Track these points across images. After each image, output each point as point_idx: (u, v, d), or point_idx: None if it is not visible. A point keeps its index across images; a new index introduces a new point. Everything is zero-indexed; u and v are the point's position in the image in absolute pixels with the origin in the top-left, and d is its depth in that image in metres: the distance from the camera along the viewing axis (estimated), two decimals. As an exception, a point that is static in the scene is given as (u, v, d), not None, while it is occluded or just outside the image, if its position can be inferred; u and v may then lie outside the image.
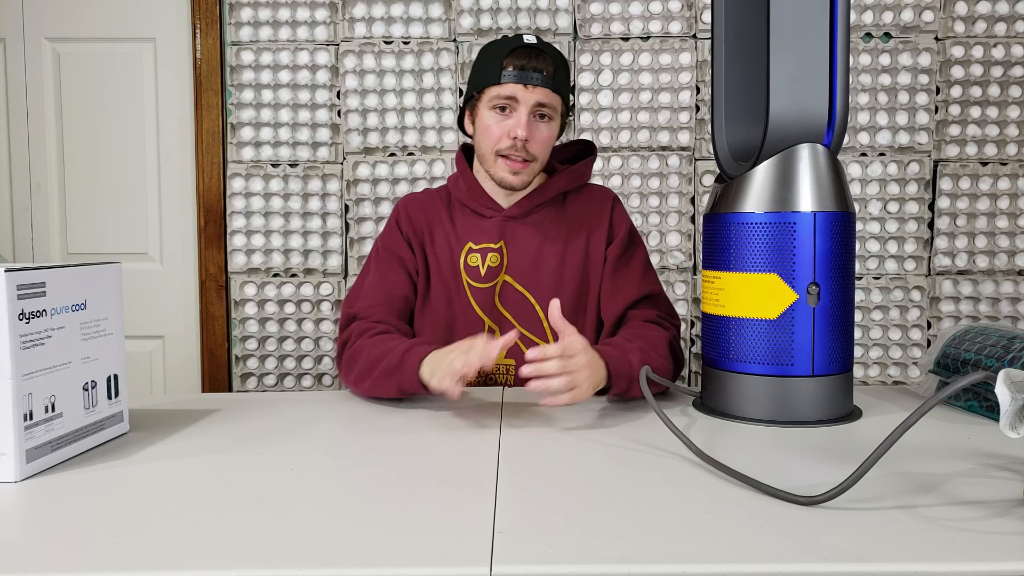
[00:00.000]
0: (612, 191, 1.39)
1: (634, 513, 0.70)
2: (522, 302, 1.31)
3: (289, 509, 0.72)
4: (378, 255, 1.34)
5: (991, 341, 1.07)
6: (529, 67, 1.23)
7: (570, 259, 1.31)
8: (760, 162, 1.03)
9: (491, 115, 1.26)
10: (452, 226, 1.34)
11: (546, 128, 1.27)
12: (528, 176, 1.29)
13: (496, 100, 1.25)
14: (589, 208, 1.34)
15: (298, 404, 1.16)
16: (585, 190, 1.37)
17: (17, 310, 0.80)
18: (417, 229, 1.34)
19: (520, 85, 1.23)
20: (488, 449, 0.91)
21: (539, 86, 1.23)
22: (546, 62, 1.24)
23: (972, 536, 0.64)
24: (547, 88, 1.24)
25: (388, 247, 1.34)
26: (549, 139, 1.28)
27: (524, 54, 1.24)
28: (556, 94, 1.26)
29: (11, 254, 2.25)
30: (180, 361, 2.26)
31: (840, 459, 0.86)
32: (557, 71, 1.26)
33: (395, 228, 1.36)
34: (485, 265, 1.30)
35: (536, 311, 1.30)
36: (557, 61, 1.26)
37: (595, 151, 1.39)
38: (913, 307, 2.11)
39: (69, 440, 0.88)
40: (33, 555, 0.62)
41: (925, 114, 2.07)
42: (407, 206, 1.37)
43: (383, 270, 1.32)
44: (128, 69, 2.20)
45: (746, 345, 1.03)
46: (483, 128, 1.28)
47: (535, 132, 1.25)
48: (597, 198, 1.36)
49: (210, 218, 2.17)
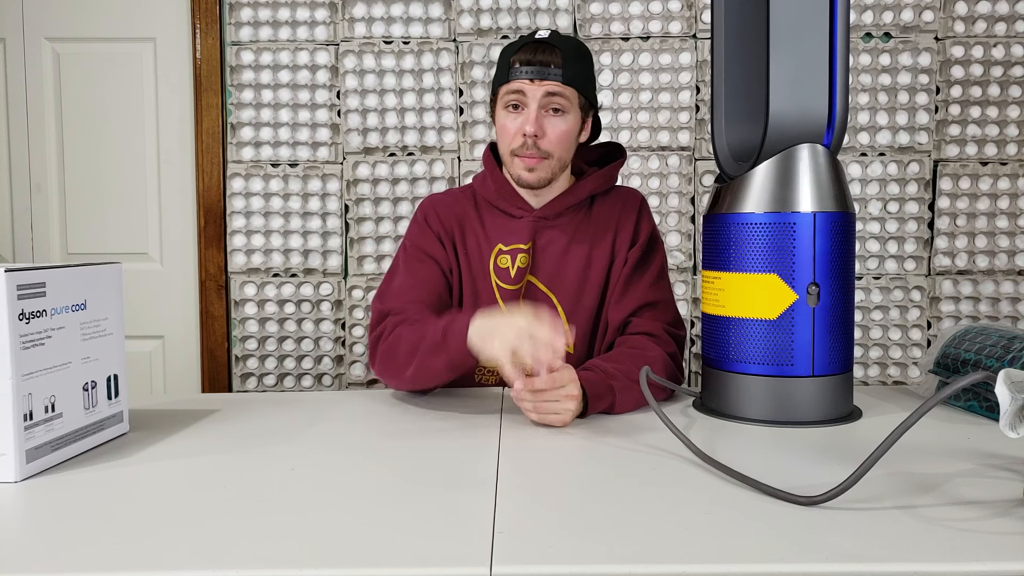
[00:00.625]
0: (640, 193, 1.37)
1: (634, 513, 0.70)
2: (545, 302, 1.29)
3: (289, 509, 0.72)
4: (406, 253, 1.31)
5: (991, 341, 1.07)
6: (536, 61, 1.22)
7: (595, 262, 1.30)
8: (760, 162, 1.03)
9: (504, 114, 1.26)
10: (481, 227, 1.32)
11: (561, 122, 1.24)
12: (544, 172, 1.26)
13: (508, 98, 1.24)
14: (616, 210, 1.33)
15: (298, 404, 1.16)
16: (612, 192, 1.36)
17: (17, 310, 0.80)
18: (447, 227, 1.32)
19: (527, 80, 1.22)
20: (488, 449, 0.91)
21: (547, 79, 1.21)
22: (554, 55, 1.22)
23: (972, 536, 0.64)
24: (556, 81, 1.22)
25: (417, 245, 1.31)
26: (565, 133, 1.25)
27: (532, 49, 1.22)
28: (568, 86, 1.23)
29: (11, 254, 2.25)
30: (180, 361, 2.26)
31: (840, 459, 0.86)
32: (569, 63, 1.22)
33: (424, 225, 1.33)
34: (515, 266, 1.29)
35: (559, 312, 1.29)
36: (570, 54, 1.23)
37: (624, 154, 1.38)
38: (913, 307, 2.11)
39: (69, 440, 0.88)
40: (33, 555, 0.62)
41: (925, 114, 2.07)
42: (434, 204, 1.35)
43: (413, 268, 1.29)
44: (128, 69, 2.20)
45: (746, 345, 1.03)
46: (499, 128, 1.28)
47: (547, 127, 1.23)
48: (625, 200, 1.34)
49: (210, 218, 2.17)
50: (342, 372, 2.19)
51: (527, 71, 1.22)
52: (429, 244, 1.31)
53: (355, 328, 2.17)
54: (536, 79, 1.21)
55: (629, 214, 1.33)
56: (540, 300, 1.29)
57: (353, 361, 2.18)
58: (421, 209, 1.36)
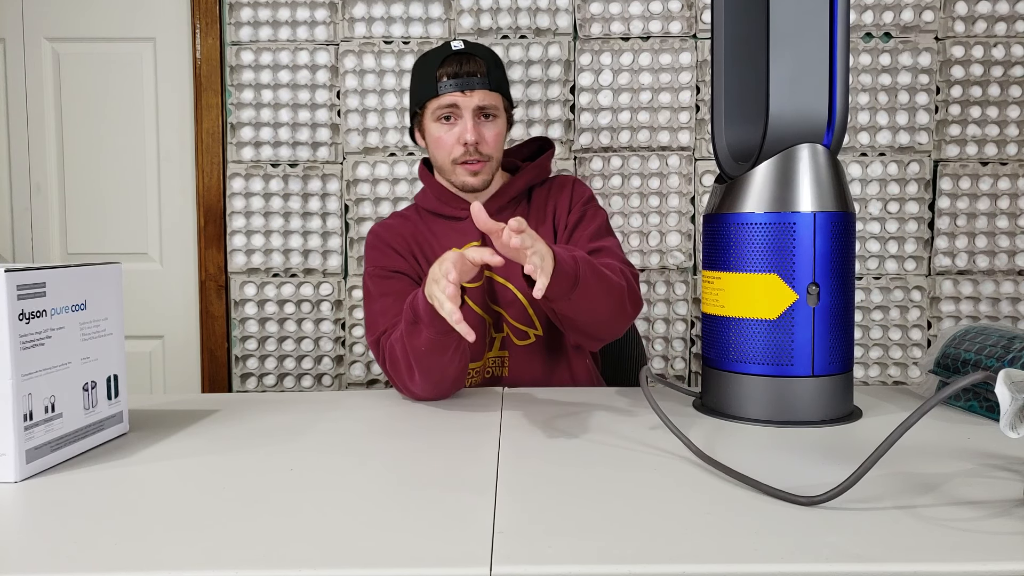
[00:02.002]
0: (572, 175, 1.43)
1: (634, 513, 0.70)
2: (506, 293, 1.34)
3: (289, 509, 0.72)
4: (373, 279, 1.32)
5: (991, 341, 1.07)
6: (463, 73, 1.28)
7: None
8: (760, 162, 1.03)
9: (438, 127, 1.31)
10: (433, 236, 1.36)
11: (493, 126, 1.31)
12: (487, 174, 1.33)
13: (439, 111, 1.30)
14: (553, 193, 1.39)
15: (298, 404, 1.16)
16: (547, 182, 1.41)
17: (17, 310, 0.80)
18: (404, 242, 1.35)
19: (458, 92, 1.28)
20: (488, 449, 0.91)
21: (476, 89, 1.28)
22: (478, 64, 1.29)
23: (972, 536, 0.64)
24: (485, 89, 1.29)
25: (379, 265, 1.33)
26: (498, 135, 1.33)
27: (455, 61, 1.28)
28: (495, 92, 1.30)
29: (11, 254, 2.25)
30: (180, 361, 2.26)
31: (840, 459, 0.86)
32: (491, 70, 1.30)
33: (378, 247, 1.35)
34: None
35: (520, 300, 1.33)
36: (489, 61, 1.31)
37: (553, 146, 1.44)
38: (913, 307, 2.11)
39: (69, 440, 0.88)
40: (33, 555, 0.62)
41: (925, 114, 2.07)
42: (383, 227, 1.39)
43: (384, 288, 1.30)
44: (128, 69, 2.20)
45: (746, 345, 1.03)
46: (434, 140, 1.32)
47: (483, 133, 1.30)
48: (558, 183, 1.41)
49: (210, 218, 2.17)
50: (342, 372, 2.19)
51: (455, 84, 1.28)
52: (390, 260, 1.33)
53: (355, 328, 2.17)
54: (466, 90, 1.28)
55: (563, 191, 1.39)
56: (501, 292, 1.34)
57: (353, 361, 2.18)
58: (372, 234, 1.38)
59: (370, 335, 1.27)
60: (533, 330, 1.34)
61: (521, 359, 1.34)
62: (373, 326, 1.27)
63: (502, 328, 1.34)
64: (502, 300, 1.34)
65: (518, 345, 1.34)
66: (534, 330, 1.34)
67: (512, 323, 1.33)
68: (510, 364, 1.34)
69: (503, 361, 1.35)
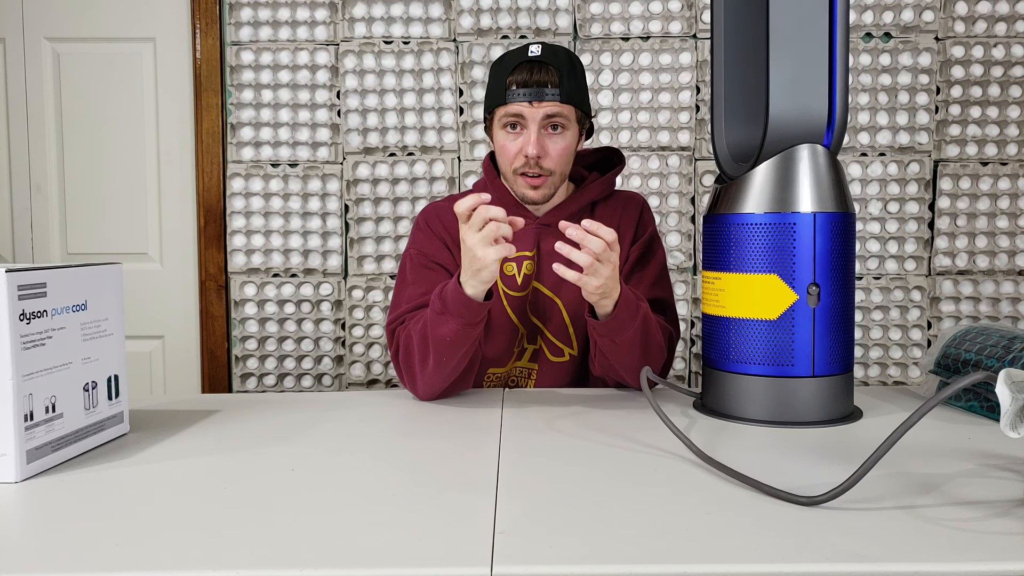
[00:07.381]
0: (641, 196, 1.39)
1: (634, 513, 0.70)
2: (551, 307, 1.30)
3: (289, 510, 0.72)
4: (412, 262, 1.30)
5: (991, 341, 1.07)
6: (532, 82, 1.21)
7: None
8: (760, 163, 1.03)
9: (503, 134, 1.26)
10: None
11: (560, 139, 1.24)
12: (548, 189, 1.27)
13: (505, 119, 1.24)
14: (618, 212, 1.34)
15: (298, 404, 1.16)
16: (613, 197, 1.36)
17: (18, 310, 0.80)
18: (452, 233, 1.30)
19: (525, 103, 1.21)
20: (488, 449, 0.91)
21: (545, 100, 1.21)
22: (550, 74, 1.21)
23: (972, 536, 0.64)
24: (554, 101, 1.21)
25: (423, 251, 1.30)
26: (565, 149, 1.26)
27: (527, 69, 1.21)
28: (566, 103, 1.22)
29: (11, 254, 2.25)
30: (180, 361, 2.26)
31: (840, 459, 0.86)
32: (565, 79, 1.22)
33: (428, 231, 1.32)
34: (521, 273, 1.29)
35: (563, 317, 1.30)
36: (564, 69, 1.23)
37: (623, 160, 1.38)
38: (913, 307, 2.11)
39: (69, 441, 0.88)
40: (33, 555, 0.62)
41: (925, 114, 2.08)
42: (437, 210, 1.34)
43: (421, 276, 1.27)
44: (128, 69, 2.20)
45: (746, 346, 1.03)
46: (499, 148, 1.28)
47: (548, 146, 1.24)
48: (626, 203, 1.36)
49: (210, 218, 2.17)
50: (342, 372, 2.19)
51: (524, 93, 1.21)
52: (435, 249, 1.30)
53: (355, 328, 2.17)
54: (534, 101, 1.21)
55: (631, 215, 1.34)
56: (546, 306, 1.30)
57: (353, 361, 2.18)
58: (423, 215, 1.35)
59: (390, 315, 1.26)
60: (569, 349, 1.31)
61: (550, 375, 1.31)
62: (396, 307, 1.26)
63: (536, 341, 1.31)
64: (546, 314, 1.30)
65: (551, 361, 1.31)
66: (570, 349, 1.31)
67: (550, 338, 1.30)
68: (538, 377, 1.32)
69: (531, 373, 1.32)
